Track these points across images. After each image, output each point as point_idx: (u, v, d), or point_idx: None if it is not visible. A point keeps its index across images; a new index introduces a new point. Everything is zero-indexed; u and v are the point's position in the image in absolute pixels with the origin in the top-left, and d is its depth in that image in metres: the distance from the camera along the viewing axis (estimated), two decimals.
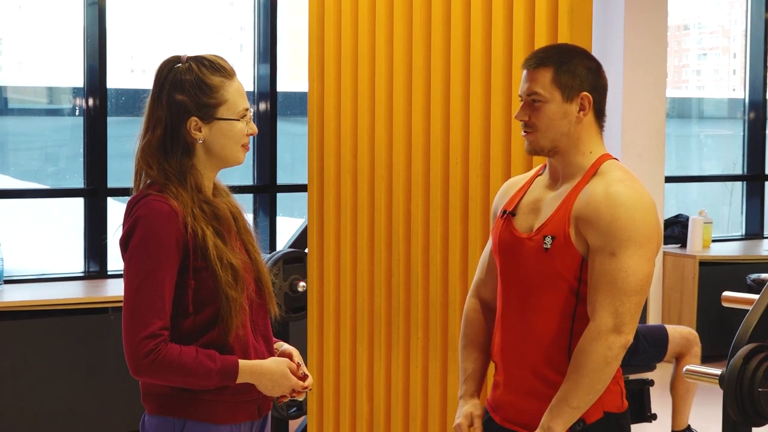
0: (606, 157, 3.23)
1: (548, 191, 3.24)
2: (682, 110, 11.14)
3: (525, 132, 3.19)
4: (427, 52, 4.68)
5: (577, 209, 3.13)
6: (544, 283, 3.16)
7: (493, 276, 3.39)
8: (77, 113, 7.59)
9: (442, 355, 4.61)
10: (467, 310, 3.44)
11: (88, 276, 7.50)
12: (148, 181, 2.98)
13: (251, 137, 3.07)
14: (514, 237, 3.22)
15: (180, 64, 3.00)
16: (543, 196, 3.25)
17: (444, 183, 4.63)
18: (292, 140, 8.19)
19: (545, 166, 3.32)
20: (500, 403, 3.26)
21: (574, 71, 3.19)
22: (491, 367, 3.41)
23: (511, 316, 3.23)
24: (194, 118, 2.97)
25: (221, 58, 3.04)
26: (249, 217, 3.17)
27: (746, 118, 10.28)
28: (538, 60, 3.19)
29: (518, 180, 3.40)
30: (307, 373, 3.05)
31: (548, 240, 3.15)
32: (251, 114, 3.05)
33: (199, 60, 3.00)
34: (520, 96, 3.20)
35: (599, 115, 3.25)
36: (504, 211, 3.29)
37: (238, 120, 2.99)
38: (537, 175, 3.33)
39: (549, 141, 3.18)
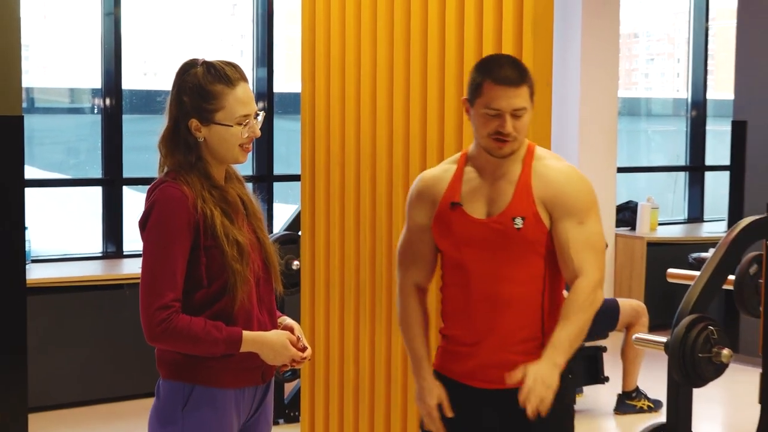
0: (532, 145, 3.26)
1: (487, 181, 3.21)
2: (632, 109, 11.15)
3: (503, 141, 3.11)
4: (407, 58, 4.67)
5: (540, 192, 3.15)
6: (517, 257, 3.16)
7: (426, 261, 3.37)
8: (96, 111, 7.57)
9: None
10: (405, 295, 3.39)
11: (105, 256, 7.49)
12: (166, 169, 2.98)
13: (255, 138, 3.03)
14: (474, 222, 3.20)
15: (193, 68, 2.98)
16: (484, 185, 3.22)
17: (405, 173, 4.61)
18: (287, 135, 8.18)
19: (463, 160, 3.29)
20: (471, 369, 3.23)
21: (533, 84, 3.19)
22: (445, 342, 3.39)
23: (478, 292, 3.20)
24: (194, 120, 2.95)
25: (230, 66, 2.98)
26: (260, 205, 3.15)
27: (689, 115, 10.29)
28: (518, 79, 3.12)
29: (439, 174, 3.31)
30: (306, 345, 3.03)
31: (518, 221, 3.15)
32: (256, 118, 2.99)
33: (209, 66, 2.97)
34: (498, 109, 3.09)
35: None
36: (452, 203, 3.24)
37: (233, 126, 2.94)
38: (462, 167, 3.28)
39: (520, 144, 3.19)
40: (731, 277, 4.49)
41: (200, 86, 2.95)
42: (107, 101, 7.39)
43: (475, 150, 3.25)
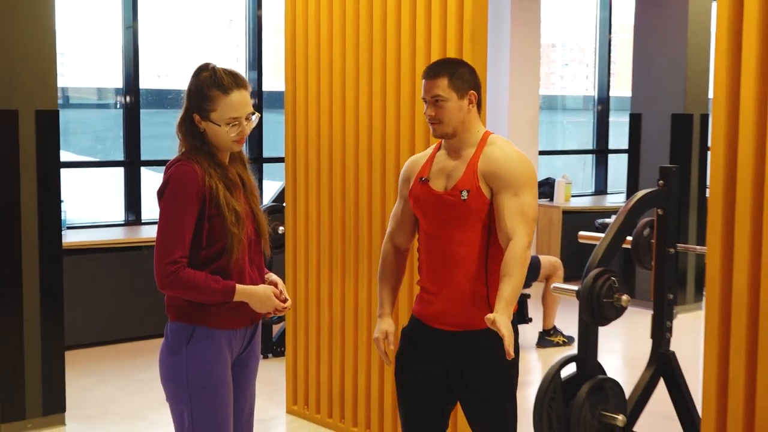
0: (488, 132, 3.24)
1: (450, 161, 3.22)
2: (551, 104, 11.20)
3: (431, 123, 3.18)
4: (370, 63, 4.67)
5: (482, 168, 3.14)
6: (464, 224, 3.16)
7: (406, 226, 3.37)
8: (118, 107, 7.53)
9: None
10: (385, 253, 3.40)
11: (127, 223, 7.48)
12: (183, 150, 2.95)
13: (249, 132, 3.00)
14: (434, 194, 3.20)
15: (204, 72, 2.95)
16: (447, 165, 3.22)
17: (381, 155, 4.64)
18: (274, 125, 8.14)
19: (440, 145, 3.30)
20: (433, 313, 3.22)
21: (462, 77, 3.18)
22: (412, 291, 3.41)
23: (437, 251, 3.20)
24: (196, 115, 2.93)
25: (230, 75, 2.93)
26: (256, 183, 3.13)
27: (595, 109, 10.35)
28: (435, 72, 3.17)
29: (420, 157, 3.35)
30: (287, 297, 3.03)
31: (464, 193, 3.14)
32: (249, 120, 2.95)
33: (213, 73, 2.93)
34: (423, 98, 3.18)
35: (479, 105, 3.24)
36: (420, 178, 3.26)
37: (221, 126, 2.91)
38: (435, 152, 3.30)
39: (451, 129, 3.17)
40: (629, 238, 4.52)
41: (201, 89, 2.92)
42: (127, 98, 7.36)
43: None
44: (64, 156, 6.57)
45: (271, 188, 7.30)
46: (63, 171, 5.19)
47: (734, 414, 3.44)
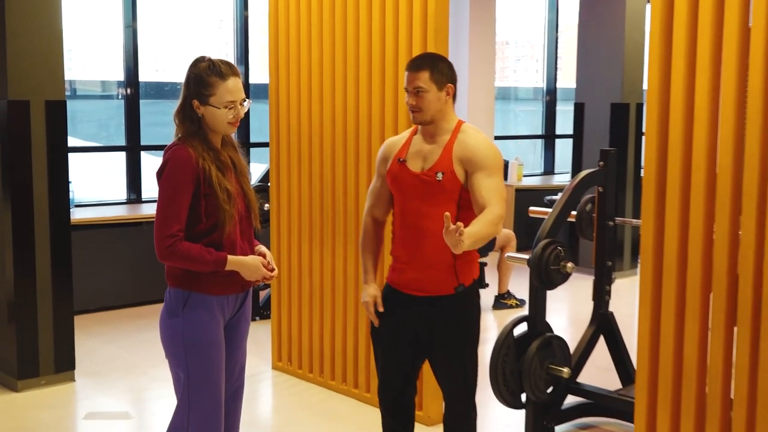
0: (461, 122, 3.25)
1: (426, 145, 3.21)
2: (505, 94, 11.21)
3: (412, 111, 3.17)
4: (344, 59, 4.65)
5: (458, 153, 3.14)
6: (437, 201, 3.15)
7: (383, 201, 3.36)
8: (120, 97, 7.47)
9: (355, 250, 4.61)
10: (365, 225, 3.39)
11: (129, 202, 7.42)
12: (179, 135, 2.92)
13: (241, 118, 2.97)
14: (411, 174, 3.19)
15: (201, 63, 2.92)
16: (423, 148, 3.21)
17: (355, 140, 4.63)
18: (260, 114, 8.11)
19: (416, 130, 3.29)
20: (406, 281, 3.22)
21: (441, 71, 3.18)
22: (389, 260, 3.40)
23: (411, 225, 3.20)
24: (195, 101, 2.90)
25: (225, 64, 2.92)
26: (246, 165, 3.11)
27: (544, 99, 10.35)
28: (417, 65, 3.16)
29: (397, 139, 3.34)
30: (274, 266, 3.03)
31: (439, 174, 3.14)
32: (243, 104, 2.93)
33: (210, 63, 2.91)
34: (406, 89, 3.17)
35: (455, 97, 3.24)
36: (398, 159, 3.25)
37: (220, 108, 2.89)
38: (412, 135, 3.29)
39: (429, 116, 3.17)
40: (574, 213, 4.54)
41: (201, 77, 2.89)
42: (128, 90, 7.30)
43: None
44: (72, 142, 6.49)
45: (257, 170, 7.28)
46: (70, 155, 5.13)
47: (665, 365, 3.48)
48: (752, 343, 3.20)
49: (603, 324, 4.51)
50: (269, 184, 5.37)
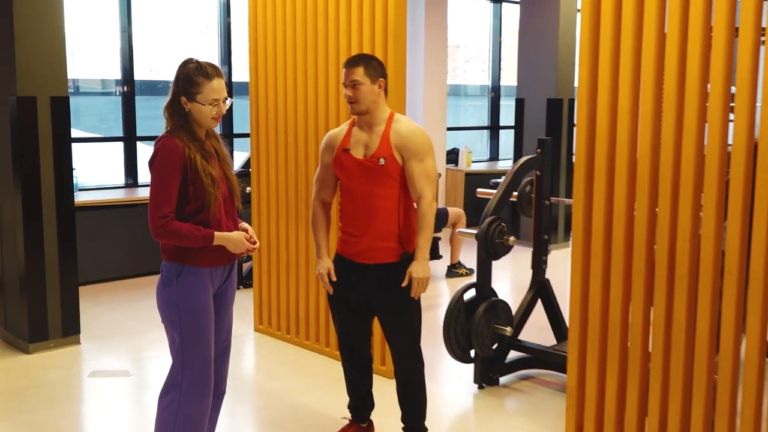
0: (393, 112, 3.25)
1: (365, 135, 3.22)
2: (456, 91, 11.20)
3: (350, 103, 3.19)
4: (315, 59, 4.63)
5: (394, 141, 3.16)
6: (382, 183, 3.17)
7: (329, 185, 3.37)
8: (117, 94, 7.36)
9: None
10: (315, 208, 3.39)
11: (126, 186, 7.33)
12: (168, 128, 2.89)
13: (225, 112, 2.95)
14: (356, 161, 3.20)
15: (189, 64, 2.89)
16: (363, 137, 3.22)
17: (325, 130, 4.61)
18: (242, 108, 8.03)
19: (353, 123, 3.29)
20: (358, 251, 3.24)
21: (374, 67, 3.19)
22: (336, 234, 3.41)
23: (361, 204, 3.21)
24: (183, 97, 2.87)
25: (211, 66, 2.89)
26: (228, 152, 3.09)
27: (490, 95, 10.36)
28: (353, 62, 3.18)
29: (339, 131, 3.33)
30: (256, 240, 3.01)
31: (381, 160, 3.16)
32: (224, 103, 2.90)
33: (197, 64, 2.88)
34: (344, 83, 3.19)
35: (386, 90, 3.24)
36: (343, 149, 3.25)
37: (205, 105, 2.87)
38: (351, 127, 3.28)
39: (365, 107, 3.18)
40: (515, 193, 4.58)
41: (189, 76, 2.86)
42: (125, 88, 7.19)
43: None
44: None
45: (239, 158, 7.24)
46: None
47: (593, 324, 3.52)
48: (667, 304, 3.26)
49: (540, 289, 4.56)
50: (250, 169, 5.35)
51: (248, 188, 5.72)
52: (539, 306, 4.60)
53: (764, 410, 3.09)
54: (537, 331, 4.86)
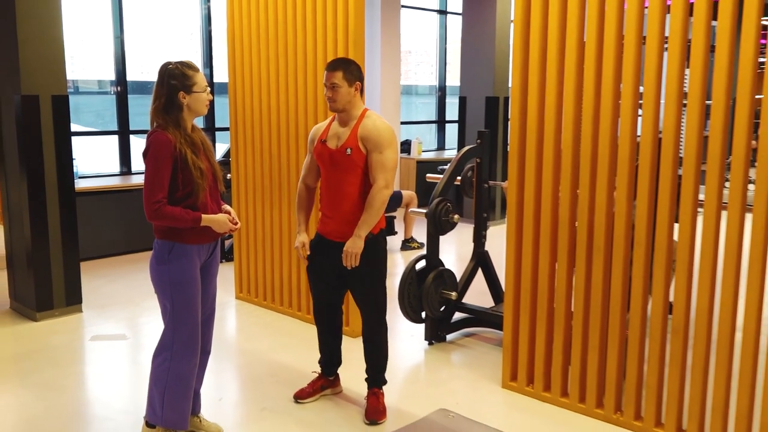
0: (366, 109, 3.22)
1: (340, 129, 3.20)
2: (408, 90, 11.17)
3: (329, 102, 3.16)
4: (285, 62, 4.58)
5: (360, 134, 3.14)
6: (350, 171, 3.15)
7: (312, 172, 3.35)
8: (112, 93, 7.22)
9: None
10: (300, 190, 3.38)
11: (121, 174, 7.21)
12: (156, 123, 2.83)
13: (210, 101, 2.92)
14: (329, 151, 3.18)
15: (170, 65, 2.85)
16: (338, 131, 3.20)
17: (295, 124, 4.58)
18: (223, 105, 7.94)
19: (334, 118, 3.28)
20: (331, 230, 3.23)
21: (352, 72, 3.15)
22: (318, 215, 3.40)
23: (333, 189, 3.20)
24: (182, 92, 2.82)
25: (190, 62, 2.87)
26: (211, 144, 3.04)
27: (437, 94, 10.37)
28: (334, 66, 3.14)
29: (322, 125, 3.32)
30: (237, 221, 2.98)
31: (348, 150, 3.14)
32: (209, 90, 2.90)
33: (181, 63, 2.84)
34: (325, 84, 3.15)
35: (362, 91, 3.22)
36: (321, 140, 3.24)
37: (202, 93, 2.84)
38: (331, 122, 3.27)
39: (342, 106, 3.15)
40: (459, 178, 4.60)
41: (182, 73, 2.81)
42: (119, 87, 7.07)
43: None
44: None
45: (221, 148, 7.16)
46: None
47: (525, 288, 3.57)
48: (586, 271, 3.32)
49: (480, 259, 4.60)
50: (230, 158, 5.29)
51: (228, 175, 5.67)
52: (480, 274, 4.63)
53: (666, 358, 3.17)
54: (478, 295, 4.91)
